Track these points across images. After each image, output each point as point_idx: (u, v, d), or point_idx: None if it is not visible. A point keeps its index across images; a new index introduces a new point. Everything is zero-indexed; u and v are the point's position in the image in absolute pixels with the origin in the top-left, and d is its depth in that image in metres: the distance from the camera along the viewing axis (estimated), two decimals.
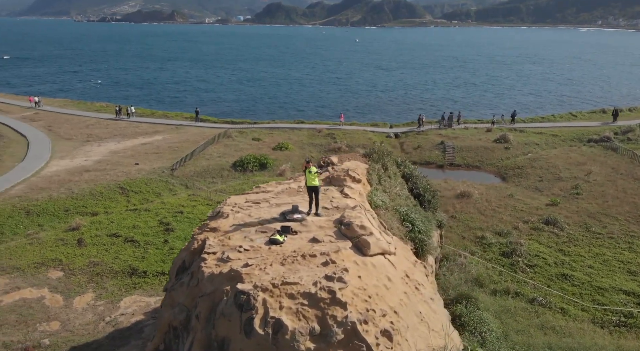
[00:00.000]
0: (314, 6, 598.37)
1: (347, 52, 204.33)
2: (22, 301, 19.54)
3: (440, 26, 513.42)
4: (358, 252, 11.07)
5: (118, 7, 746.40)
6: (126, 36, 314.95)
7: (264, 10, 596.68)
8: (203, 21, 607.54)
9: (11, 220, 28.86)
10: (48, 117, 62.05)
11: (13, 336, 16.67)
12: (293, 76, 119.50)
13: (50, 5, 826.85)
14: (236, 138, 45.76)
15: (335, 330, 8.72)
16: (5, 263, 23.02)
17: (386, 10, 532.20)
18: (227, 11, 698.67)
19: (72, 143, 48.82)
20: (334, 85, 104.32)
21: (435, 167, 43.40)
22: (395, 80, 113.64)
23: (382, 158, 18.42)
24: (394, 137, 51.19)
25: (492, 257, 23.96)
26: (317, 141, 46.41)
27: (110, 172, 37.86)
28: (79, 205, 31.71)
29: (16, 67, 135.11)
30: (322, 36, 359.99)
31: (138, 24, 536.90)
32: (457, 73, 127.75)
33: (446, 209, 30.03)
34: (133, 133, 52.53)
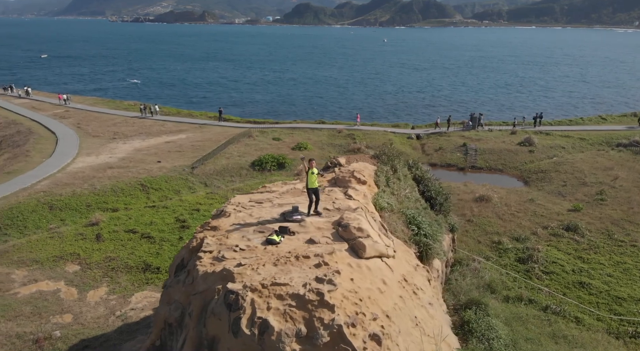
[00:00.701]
0: (342, 6, 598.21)
1: (374, 52, 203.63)
2: (39, 293, 20.15)
3: (471, 26, 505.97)
4: (354, 254, 10.99)
5: (151, 7, 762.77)
6: (159, 36, 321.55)
7: (293, 10, 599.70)
8: (233, 21, 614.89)
9: (35, 214, 29.78)
10: (78, 114, 63.79)
11: (27, 327, 17.20)
12: (319, 76, 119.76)
13: (87, 5, 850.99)
14: (257, 138, 46.10)
15: (321, 333, 8.67)
16: (26, 256, 23.78)
17: (415, 10, 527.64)
18: (256, 12, 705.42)
19: (98, 141, 50.08)
20: (359, 86, 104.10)
21: (456, 170, 42.74)
22: (422, 80, 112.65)
23: (392, 160, 18.23)
24: (415, 138, 50.64)
25: (508, 262, 23.42)
26: (336, 141, 46.34)
27: (133, 169, 38.64)
28: (100, 201, 32.48)
29: (54, 66, 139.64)
30: (349, 36, 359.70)
31: (170, 24, 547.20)
32: (487, 74, 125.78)
33: (463, 213, 29.58)
34: (158, 131, 53.51)
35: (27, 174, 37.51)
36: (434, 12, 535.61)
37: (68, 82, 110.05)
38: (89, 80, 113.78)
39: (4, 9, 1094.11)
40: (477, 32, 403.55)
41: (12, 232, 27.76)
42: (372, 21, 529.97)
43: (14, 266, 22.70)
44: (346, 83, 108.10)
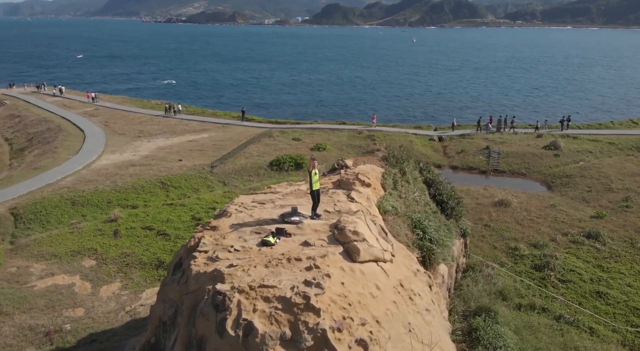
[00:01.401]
0: (371, 6, 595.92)
1: (403, 53, 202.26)
2: (54, 287, 20.73)
3: (504, 26, 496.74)
4: (348, 258, 10.89)
5: (183, 8, 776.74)
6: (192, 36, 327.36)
7: (322, 11, 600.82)
8: (262, 22, 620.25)
9: (58, 209, 30.67)
10: (106, 113, 65.45)
11: (39, 319, 17.71)
12: (345, 76, 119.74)
13: (122, 6, 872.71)
14: (277, 138, 46.35)
15: (304, 336, 8.61)
16: (45, 250, 24.51)
17: (446, 10, 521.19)
18: (286, 12, 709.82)
19: (124, 139, 51.25)
20: (386, 86, 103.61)
21: (478, 173, 42.01)
22: (451, 81, 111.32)
23: (400, 162, 18.00)
24: (437, 140, 49.99)
25: (523, 269, 22.84)
26: (356, 142, 46.17)
27: (154, 167, 39.38)
28: (121, 197, 33.23)
29: (89, 66, 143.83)
30: (378, 36, 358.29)
31: (201, 25, 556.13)
32: (519, 75, 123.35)
33: (481, 217, 29.03)
34: (182, 130, 54.39)
35: (53, 170, 38.70)
36: (465, 12, 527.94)
37: (102, 81, 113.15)
38: (123, 80, 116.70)
39: (43, 9, 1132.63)
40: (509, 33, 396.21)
41: (35, 226, 28.67)
42: (401, 21, 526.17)
43: (34, 259, 23.44)
44: (372, 83, 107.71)
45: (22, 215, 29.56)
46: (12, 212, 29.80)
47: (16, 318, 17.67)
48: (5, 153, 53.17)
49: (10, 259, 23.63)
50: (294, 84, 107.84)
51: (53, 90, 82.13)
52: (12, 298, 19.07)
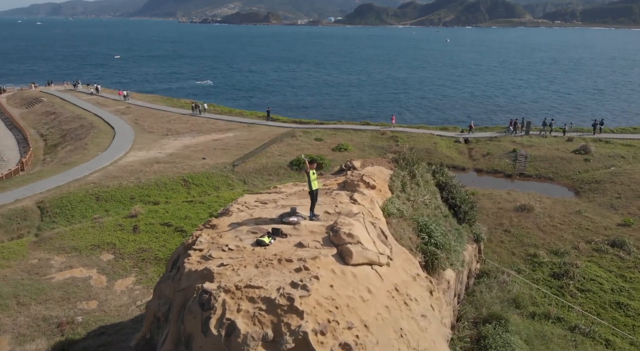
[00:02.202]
0: (405, 6, 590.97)
1: (436, 53, 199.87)
2: (72, 279, 21.35)
3: (542, 26, 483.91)
4: (340, 261, 10.76)
5: (219, 9, 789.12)
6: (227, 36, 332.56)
7: (355, 11, 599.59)
8: (295, 22, 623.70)
9: (82, 204, 31.61)
10: (137, 111, 67.07)
11: (54, 311, 18.27)
12: (376, 77, 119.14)
13: (159, 7, 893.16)
14: (300, 138, 46.47)
15: (286, 338, 8.55)
16: (67, 243, 25.28)
17: (482, 10, 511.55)
18: (319, 12, 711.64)
19: (152, 136, 52.39)
20: (417, 86, 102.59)
21: (503, 177, 41.03)
22: (485, 82, 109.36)
23: (410, 165, 17.70)
24: (463, 142, 49.08)
25: (541, 277, 22.12)
26: (379, 143, 45.79)
27: (178, 164, 40.09)
28: (143, 194, 33.96)
29: (126, 66, 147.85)
30: (411, 36, 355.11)
31: (235, 25, 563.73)
32: (555, 75, 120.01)
33: (501, 222, 28.31)
34: (208, 129, 55.21)
35: (81, 166, 39.92)
36: (501, 11, 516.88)
37: (139, 81, 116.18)
38: (159, 79, 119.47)
39: (84, 9, 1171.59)
40: (548, 33, 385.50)
41: (60, 220, 29.63)
42: (435, 21, 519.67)
43: (55, 252, 24.21)
44: (403, 84, 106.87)
45: (48, 209, 30.60)
46: (39, 205, 30.88)
47: (32, 309, 18.28)
48: (40, 149, 55.20)
49: (33, 251, 24.48)
50: (325, 84, 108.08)
51: (91, 89, 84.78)
52: (30, 289, 19.75)
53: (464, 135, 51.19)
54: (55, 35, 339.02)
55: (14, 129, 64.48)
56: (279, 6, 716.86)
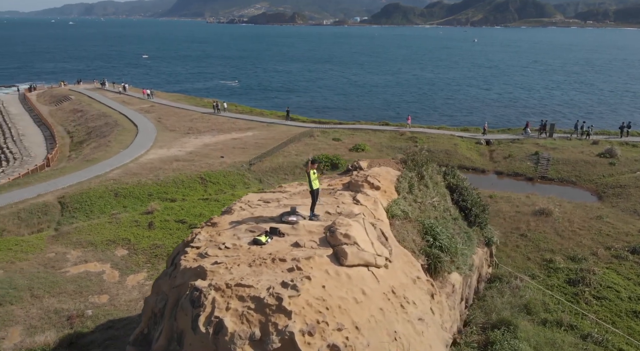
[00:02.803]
0: (432, 6, 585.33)
1: (463, 53, 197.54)
2: (85, 273, 21.81)
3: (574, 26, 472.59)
4: (335, 261, 10.68)
5: (246, 9, 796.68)
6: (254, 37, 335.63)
7: (382, 10, 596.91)
8: (321, 22, 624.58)
9: (101, 200, 32.28)
10: (161, 109, 68.18)
11: (66, 304, 18.69)
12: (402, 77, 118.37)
13: (188, 7, 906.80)
14: (317, 138, 46.47)
15: (272, 338, 8.53)
16: (84, 238, 25.85)
17: (511, 9, 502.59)
18: (345, 12, 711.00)
19: (173, 135, 53.17)
20: (442, 86, 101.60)
21: (524, 179, 40.15)
22: (512, 82, 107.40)
23: (419, 166, 17.46)
24: (484, 144, 48.25)
25: (555, 283, 21.54)
26: (397, 144, 45.41)
27: (197, 162, 40.58)
28: (161, 191, 34.48)
29: (153, 66, 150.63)
30: (438, 36, 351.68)
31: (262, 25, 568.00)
32: (586, 77, 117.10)
33: (518, 226, 27.71)
34: (229, 128, 55.71)
35: (103, 163, 40.78)
36: (531, 11, 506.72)
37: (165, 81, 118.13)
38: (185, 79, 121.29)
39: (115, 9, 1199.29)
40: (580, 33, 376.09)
41: (79, 215, 30.33)
42: (463, 21, 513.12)
43: (72, 246, 24.77)
44: (428, 84, 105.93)
45: (68, 204, 31.36)
46: (60, 200, 31.66)
47: (45, 302, 18.74)
48: (66, 146, 56.64)
49: (51, 245, 25.11)
50: (350, 84, 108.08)
51: (118, 87, 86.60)
52: (45, 282, 20.25)
53: (485, 136, 50.36)
54: (86, 34, 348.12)
55: (42, 126, 66.33)
56: (304, 6, 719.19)
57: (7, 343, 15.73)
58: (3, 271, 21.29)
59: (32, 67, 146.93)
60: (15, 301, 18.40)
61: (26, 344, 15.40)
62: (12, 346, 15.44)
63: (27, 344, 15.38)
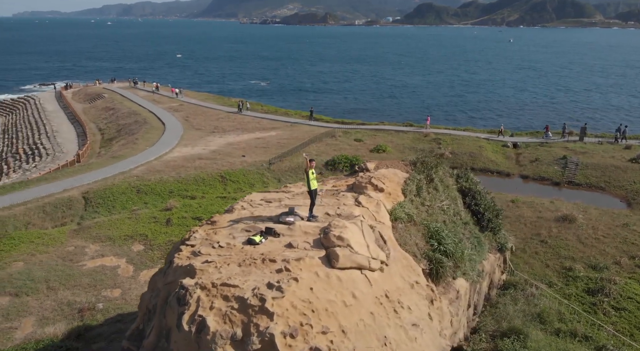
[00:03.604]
0: (467, 5, 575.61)
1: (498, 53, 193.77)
2: (101, 267, 22.33)
3: (615, 27, 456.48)
4: (327, 263, 10.55)
5: (278, 10, 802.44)
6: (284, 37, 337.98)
7: (414, 10, 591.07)
8: (353, 23, 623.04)
9: (124, 196, 33.04)
10: (189, 108, 69.34)
11: (79, 296, 19.18)
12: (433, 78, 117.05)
13: (222, 8, 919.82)
14: (339, 138, 46.32)
15: (253, 339, 8.49)
16: (103, 233, 26.49)
17: (548, 9, 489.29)
18: (377, 12, 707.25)
19: (199, 133, 53.98)
20: (474, 87, 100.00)
21: (551, 184, 38.96)
22: (547, 84, 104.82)
23: (428, 168, 17.13)
24: (511, 147, 47.05)
25: (573, 292, 20.78)
26: (420, 145, 44.80)
27: (219, 161, 41.06)
28: (182, 188, 35.06)
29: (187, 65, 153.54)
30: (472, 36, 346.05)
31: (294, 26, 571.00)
32: (627, 79, 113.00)
33: (539, 232, 26.89)
34: (253, 128, 56.19)
35: (129, 160, 41.74)
36: (570, 11, 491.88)
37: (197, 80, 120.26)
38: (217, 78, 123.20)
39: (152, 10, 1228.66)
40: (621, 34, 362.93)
41: (102, 210, 31.13)
42: (498, 21, 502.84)
43: (91, 241, 25.43)
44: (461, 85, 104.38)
45: (92, 199, 32.23)
46: (84, 196, 32.57)
47: (59, 294, 19.28)
48: (97, 142, 58.30)
49: (72, 239, 25.83)
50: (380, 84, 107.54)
51: (149, 86, 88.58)
52: (61, 275, 20.84)
53: (500, 138, 49.19)
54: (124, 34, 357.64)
55: (75, 123, 68.48)
56: (337, 7, 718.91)
57: (20, 333, 16.25)
58: (23, 263, 22.04)
59: (72, 65, 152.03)
60: (31, 293, 19.00)
61: (36, 335, 15.87)
62: (23, 336, 15.95)
63: (37, 335, 15.84)
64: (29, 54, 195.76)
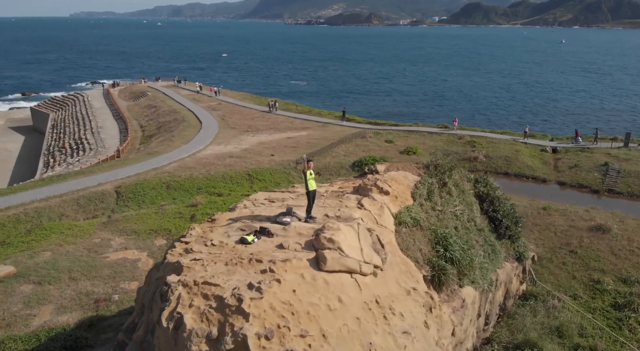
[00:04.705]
0: (516, 5, 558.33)
1: (548, 55, 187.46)
2: (123, 260, 23.02)
3: None
4: (315, 266, 10.41)
5: (323, 10, 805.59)
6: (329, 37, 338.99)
7: (461, 10, 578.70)
8: (398, 23, 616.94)
9: (154, 191, 33.98)
10: (226, 108, 70.60)
11: (98, 287, 19.83)
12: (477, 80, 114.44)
13: (268, 9, 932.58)
14: (369, 139, 45.90)
15: (226, 339, 8.46)
16: (130, 226, 27.32)
17: (603, 9, 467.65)
18: (423, 12, 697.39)
19: (233, 132, 54.85)
20: (524, 90, 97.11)
21: (589, 192, 37.20)
22: (600, 87, 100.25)
23: (442, 172, 16.63)
24: (550, 152, 45.27)
25: (599, 306, 19.70)
26: (453, 148, 43.74)
27: (248, 160, 41.56)
28: (210, 185, 35.70)
29: (231, 64, 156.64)
30: (522, 37, 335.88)
31: (338, 26, 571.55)
32: None
33: (569, 242, 25.67)
34: (285, 127, 56.55)
35: (163, 156, 42.90)
36: (626, 11, 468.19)
37: (239, 79, 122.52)
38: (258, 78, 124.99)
39: (201, 11, 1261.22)
40: None
41: (132, 205, 32.12)
42: (550, 21, 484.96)
43: (117, 234, 26.28)
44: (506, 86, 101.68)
45: (123, 193, 33.32)
46: (117, 190, 33.71)
47: (80, 284, 20.00)
48: (138, 139, 60.26)
49: (100, 231, 26.78)
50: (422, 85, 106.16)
51: (195, 86, 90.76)
52: (84, 266, 21.61)
53: (552, 143, 47.32)
54: (170, 34, 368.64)
55: (119, 120, 71.05)
56: (382, 7, 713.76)
57: (37, 320, 16.95)
58: (51, 253, 23.01)
59: (122, 64, 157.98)
60: (53, 282, 19.79)
61: (51, 323, 16.51)
62: (39, 323, 16.62)
63: (51, 323, 16.48)
64: (84, 52, 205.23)
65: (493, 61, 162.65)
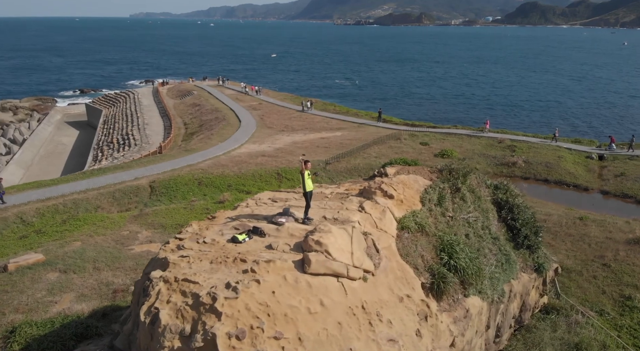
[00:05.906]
0: (576, 5, 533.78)
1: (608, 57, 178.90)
2: (147, 252, 23.70)
3: None
4: (300, 268, 10.31)
5: (373, 10, 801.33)
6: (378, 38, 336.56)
7: (517, 10, 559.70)
8: (449, 22, 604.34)
9: (186, 187, 34.87)
10: (266, 107, 71.52)
11: (119, 278, 20.53)
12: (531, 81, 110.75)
13: (318, 10, 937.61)
14: (404, 141, 45.16)
15: (197, 336, 8.54)
16: (158, 220, 28.15)
17: None
18: (476, 12, 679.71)
19: (269, 131, 55.48)
20: (581, 93, 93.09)
21: (634, 202, 35.06)
22: None
23: (455, 177, 16.10)
24: (595, 159, 43.00)
25: (627, 323, 18.50)
26: (491, 152, 42.31)
27: (279, 159, 41.90)
28: (239, 183, 36.26)
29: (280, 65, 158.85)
30: (581, 38, 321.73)
31: (388, 26, 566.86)
32: None
33: (603, 254, 24.28)
34: (320, 127, 56.61)
35: (199, 153, 43.97)
36: None
37: (286, 80, 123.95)
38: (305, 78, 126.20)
39: (253, 12, 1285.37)
40: None
41: (164, 199, 33.10)
42: (611, 21, 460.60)
43: (145, 227, 27.15)
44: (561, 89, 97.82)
45: (157, 188, 34.40)
46: (151, 185, 34.84)
47: (103, 274, 20.78)
48: (180, 136, 62.09)
49: (130, 224, 27.76)
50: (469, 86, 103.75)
51: (240, 86, 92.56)
52: (109, 257, 22.45)
53: (600, 150, 44.94)
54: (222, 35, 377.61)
55: (165, 117, 73.44)
56: (433, 6, 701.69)
57: (57, 307, 17.72)
58: (81, 243, 24.07)
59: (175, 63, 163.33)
60: (78, 271, 20.67)
61: (68, 310, 17.23)
62: (58, 310, 17.38)
63: (69, 310, 17.20)
64: (142, 51, 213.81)
65: (549, 63, 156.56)
